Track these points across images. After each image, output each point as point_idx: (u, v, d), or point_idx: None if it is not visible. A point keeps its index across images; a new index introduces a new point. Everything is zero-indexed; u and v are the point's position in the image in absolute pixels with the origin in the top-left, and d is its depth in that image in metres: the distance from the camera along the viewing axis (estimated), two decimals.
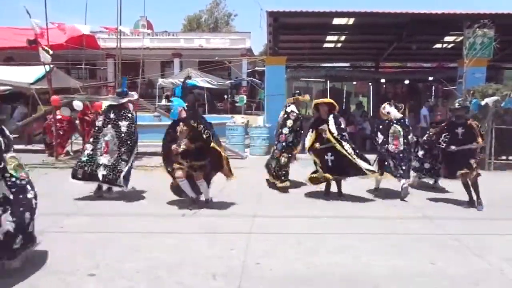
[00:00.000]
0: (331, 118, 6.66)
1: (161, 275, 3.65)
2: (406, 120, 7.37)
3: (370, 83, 20.22)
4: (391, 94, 19.64)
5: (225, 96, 25.27)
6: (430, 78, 18.27)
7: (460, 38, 12.90)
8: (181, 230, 4.98)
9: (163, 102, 21.52)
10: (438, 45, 16.68)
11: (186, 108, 5.96)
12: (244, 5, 66.21)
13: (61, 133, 10.46)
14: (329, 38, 15.98)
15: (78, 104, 10.21)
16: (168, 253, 4.18)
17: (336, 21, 13.24)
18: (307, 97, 8.33)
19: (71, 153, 10.84)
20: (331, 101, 6.92)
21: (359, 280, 3.65)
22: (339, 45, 17.04)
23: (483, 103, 9.80)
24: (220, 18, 46.01)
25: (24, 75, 13.64)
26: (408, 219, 5.60)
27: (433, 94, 19.94)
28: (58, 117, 10.38)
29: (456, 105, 6.64)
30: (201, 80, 22.32)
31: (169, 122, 6.40)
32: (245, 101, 24.43)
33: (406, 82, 19.39)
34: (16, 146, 4.15)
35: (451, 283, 3.61)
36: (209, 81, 22.79)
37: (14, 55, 23.18)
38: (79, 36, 13.80)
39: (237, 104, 24.62)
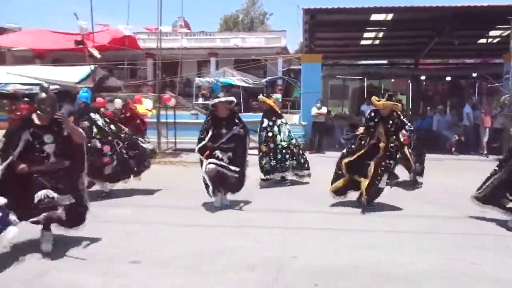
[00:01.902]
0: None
1: (198, 264, 3.79)
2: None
3: (409, 81, 19.70)
4: (432, 92, 19.08)
5: (261, 95, 25.33)
6: (474, 75, 17.58)
7: (507, 32, 12.33)
8: (218, 223, 5.12)
9: (200, 100, 21.90)
10: (483, 40, 16.01)
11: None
12: (279, 4, 66.24)
13: None
14: (366, 35, 15.70)
15: (118, 101, 10.63)
16: (205, 244, 4.32)
17: (374, 17, 13.01)
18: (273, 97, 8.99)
19: None
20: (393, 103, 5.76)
21: (394, 277, 3.63)
22: (377, 42, 16.71)
23: None
24: (255, 17, 46.17)
25: (70, 75, 14.35)
26: (448, 218, 5.47)
27: (476, 91, 19.16)
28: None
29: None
30: (236, 79, 22.52)
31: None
32: (280, 100, 24.43)
33: (448, 79, 18.74)
34: None
35: (493, 285, 3.52)
36: (244, 80, 22.94)
37: (62, 56, 24.38)
38: (121, 37, 14.38)
39: None
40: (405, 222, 5.25)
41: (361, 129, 5.99)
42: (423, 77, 18.71)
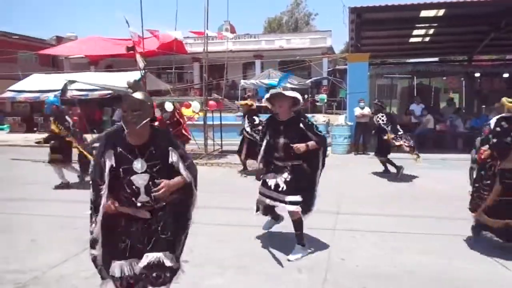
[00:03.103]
0: None
1: (246, 265, 3.85)
2: None
3: (462, 78, 18.77)
4: (487, 89, 18.05)
5: (306, 96, 25.25)
6: None
7: None
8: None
9: None
10: None
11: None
12: (324, 4, 65.54)
13: None
14: (415, 32, 15.16)
15: (169, 106, 11.01)
16: (253, 244, 4.37)
17: (424, 13, 12.52)
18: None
19: None
20: None
21: (449, 281, 3.49)
22: (427, 39, 16.07)
23: None
24: (300, 18, 46.01)
25: (122, 80, 15.05)
26: None
27: None
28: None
29: None
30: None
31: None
32: (325, 100, 24.18)
33: (505, 75, 17.66)
34: None
35: None
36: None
37: (113, 62, 25.60)
38: (169, 42, 14.86)
39: (317, 104, 24.46)
40: (457, 225, 5.03)
41: (486, 151, 4.24)
42: (477, 74, 17.74)
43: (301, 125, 4.03)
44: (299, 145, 3.93)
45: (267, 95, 4.18)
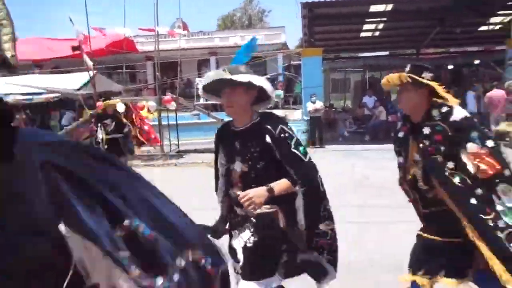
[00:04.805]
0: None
1: None
2: None
3: None
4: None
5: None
6: (476, 62, 17.38)
7: (508, 18, 12.17)
8: None
9: (201, 101, 21.83)
10: (484, 27, 15.82)
11: None
12: (277, 0, 66.12)
13: None
14: (366, 26, 15.56)
15: (121, 106, 10.57)
16: None
17: (373, 8, 12.85)
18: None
19: None
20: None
21: None
22: (377, 33, 16.56)
23: None
24: (254, 15, 46.07)
25: (70, 82, 14.33)
26: None
27: (480, 79, 18.96)
28: None
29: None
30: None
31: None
32: (282, 96, 24.32)
33: (450, 67, 18.55)
34: None
35: None
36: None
37: (60, 63, 24.35)
38: (119, 40, 14.32)
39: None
40: None
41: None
42: None
43: (267, 138, 2.15)
44: (252, 191, 2.07)
45: (203, 81, 2.34)
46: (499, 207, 2.07)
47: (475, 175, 2.06)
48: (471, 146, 2.09)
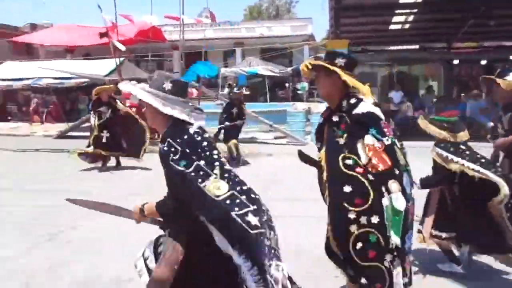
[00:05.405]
0: None
1: None
2: None
3: (441, 66, 18.90)
4: (466, 77, 18.27)
5: (287, 84, 25.14)
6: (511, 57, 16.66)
7: None
8: None
9: (226, 91, 21.94)
10: None
11: None
12: None
13: None
14: (395, 19, 15.16)
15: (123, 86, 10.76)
16: None
17: None
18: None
19: None
20: None
21: None
22: (407, 26, 16.11)
23: None
24: (281, 5, 45.68)
25: (99, 68, 14.68)
26: None
27: None
28: (128, 104, 11.01)
29: None
30: (262, 68, 22.38)
31: None
32: (306, 88, 24.11)
33: (483, 62, 17.86)
34: None
35: None
36: (270, 69, 22.77)
37: (91, 51, 24.92)
38: (147, 29, 14.49)
39: (299, 92, 24.37)
40: None
41: None
42: (456, 62, 17.89)
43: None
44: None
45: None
46: (385, 201, 2.15)
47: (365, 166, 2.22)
48: (368, 139, 2.26)
